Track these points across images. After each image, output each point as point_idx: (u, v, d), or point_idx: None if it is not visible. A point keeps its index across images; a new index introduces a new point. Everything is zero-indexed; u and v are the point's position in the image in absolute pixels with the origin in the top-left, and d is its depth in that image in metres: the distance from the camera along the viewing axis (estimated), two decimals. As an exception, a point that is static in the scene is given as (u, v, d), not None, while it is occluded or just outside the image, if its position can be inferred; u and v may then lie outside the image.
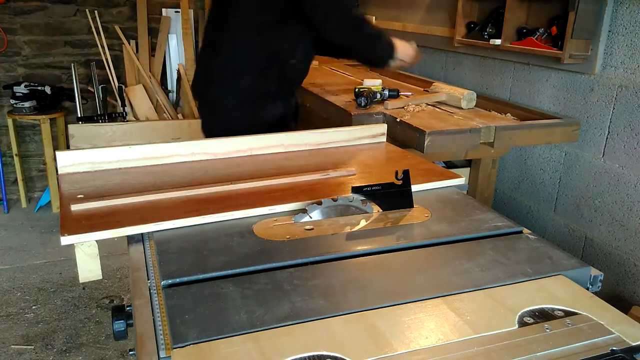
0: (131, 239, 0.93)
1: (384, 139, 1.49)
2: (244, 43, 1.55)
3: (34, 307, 2.51)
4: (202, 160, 1.28)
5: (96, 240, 0.90)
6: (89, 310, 2.50)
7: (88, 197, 1.02)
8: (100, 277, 0.91)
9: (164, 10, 3.80)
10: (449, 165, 2.19)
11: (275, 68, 1.57)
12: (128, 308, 0.82)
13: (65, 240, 0.87)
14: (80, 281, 0.91)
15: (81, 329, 2.36)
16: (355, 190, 1.00)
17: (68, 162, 1.17)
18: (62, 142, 3.64)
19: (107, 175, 1.17)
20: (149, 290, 0.77)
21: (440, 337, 0.67)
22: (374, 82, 2.28)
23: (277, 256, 0.85)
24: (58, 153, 1.16)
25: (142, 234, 0.94)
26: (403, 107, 2.04)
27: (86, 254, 0.89)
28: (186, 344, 0.63)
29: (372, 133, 1.48)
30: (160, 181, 1.14)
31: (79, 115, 3.56)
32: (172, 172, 1.21)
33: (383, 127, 1.50)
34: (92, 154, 1.19)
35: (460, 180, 1.18)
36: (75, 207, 0.97)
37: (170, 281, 0.77)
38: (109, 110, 3.70)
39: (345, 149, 1.41)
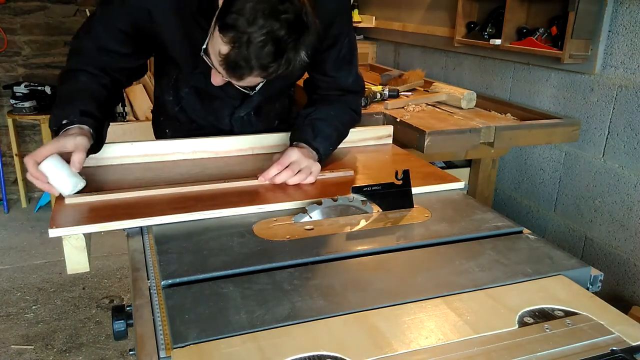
0: (130, 237, 0.93)
1: (389, 140, 1.47)
2: None
3: (34, 307, 2.52)
4: (203, 159, 1.28)
5: (88, 234, 0.90)
6: (89, 310, 2.50)
7: (84, 192, 1.02)
8: (88, 270, 0.92)
9: (164, 10, 3.79)
10: (449, 165, 2.19)
11: None
12: (128, 308, 0.82)
13: (53, 232, 0.88)
14: (68, 273, 0.91)
15: (81, 329, 2.36)
16: (355, 190, 1.00)
17: None
18: (62, 142, 3.64)
19: (108, 171, 1.17)
20: (149, 290, 0.77)
21: (440, 337, 0.67)
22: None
23: (277, 256, 0.84)
24: None
25: (141, 232, 0.94)
26: (403, 107, 2.05)
27: (73, 247, 0.90)
28: (186, 344, 0.63)
29: (377, 135, 1.46)
30: (159, 178, 1.14)
31: (79, 115, 3.56)
32: (172, 169, 1.21)
33: (389, 129, 1.48)
34: None
35: (460, 184, 1.18)
36: (68, 201, 0.98)
37: (170, 281, 0.77)
38: (109, 110, 3.70)
39: (349, 150, 1.41)
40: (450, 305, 0.73)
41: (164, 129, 1.48)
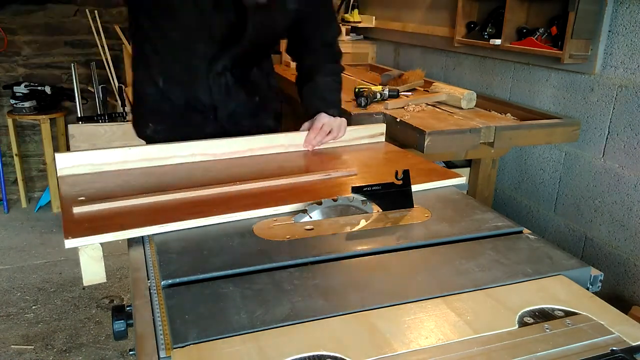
0: (132, 240, 0.93)
1: (382, 138, 1.49)
2: None
3: (34, 307, 2.51)
4: (202, 162, 1.28)
5: (100, 243, 0.89)
6: (89, 310, 2.50)
7: (89, 200, 1.02)
8: (105, 280, 0.90)
9: (164, 10, 3.79)
10: (449, 165, 2.19)
11: None
12: (128, 308, 0.83)
13: (70, 243, 0.86)
14: (85, 284, 0.90)
15: (81, 329, 2.36)
16: (355, 190, 1.00)
17: (68, 164, 1.16)
18: (62, 142, 3.64)
19: (108, 177, 1.16)
20: (149, 290, 0.77)
21: (440, 337, 0.67)
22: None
23: (277, 256, 0.85)
24: (57, 155, 1.15)
25: (142, 235, 0.94)
26: (403, 107, 2.05)
27: (90, 257, 0.88)
28: (186, 344, 0.63)
29: (371, 133, 1.48)
30: (160, 183, 1.13)
31: (79, 115, 3.56)
32: (172, 173, 1.20)
33: (382, 127, 1.50)
34: (92, 156, 1.18)
35: (461, 180, 1.18)
36: (77, 210, 0.97)
37: (170, 281, 0.77)
38: (109, 110, 3.70)
39: (345, 149, 1.41)
40: (450, 305, 0.73)
41: (145, 124, 1.46)
